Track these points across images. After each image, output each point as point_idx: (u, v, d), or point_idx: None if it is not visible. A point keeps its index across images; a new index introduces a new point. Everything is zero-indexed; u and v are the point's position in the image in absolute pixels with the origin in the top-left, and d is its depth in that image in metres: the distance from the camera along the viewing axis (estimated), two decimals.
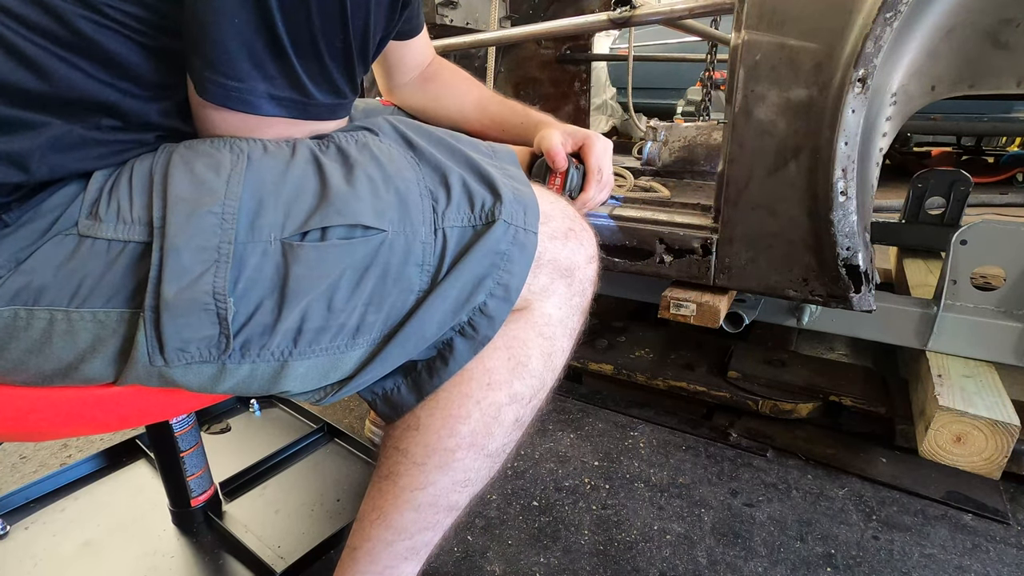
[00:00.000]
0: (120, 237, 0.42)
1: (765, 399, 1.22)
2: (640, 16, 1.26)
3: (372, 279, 0.46)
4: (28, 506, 0.96)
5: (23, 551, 0.87)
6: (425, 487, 0.55)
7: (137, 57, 0.44)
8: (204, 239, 0.42)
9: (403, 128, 0.54)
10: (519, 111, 0.82)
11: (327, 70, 0.48)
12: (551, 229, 0.54)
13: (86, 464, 1.05)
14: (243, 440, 1.15)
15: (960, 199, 1.37)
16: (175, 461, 0.88)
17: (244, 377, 0.47)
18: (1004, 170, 3.03)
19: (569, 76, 2.49)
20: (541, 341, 0.55)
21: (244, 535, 0.88)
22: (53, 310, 0.42)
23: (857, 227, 0.92)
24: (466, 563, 0.89)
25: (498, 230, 0.49)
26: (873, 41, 0.82)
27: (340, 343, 0.48)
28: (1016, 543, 0.92)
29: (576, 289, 0.57)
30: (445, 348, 0.52)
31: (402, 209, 0.48)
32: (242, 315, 0.44)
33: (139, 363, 0.44)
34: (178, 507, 0.92)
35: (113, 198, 0.44)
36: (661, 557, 0.90)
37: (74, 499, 0.98)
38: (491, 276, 0.49)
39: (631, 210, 1.22)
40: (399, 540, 0.58)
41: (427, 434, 0.54)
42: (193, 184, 0.43)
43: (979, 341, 1.09)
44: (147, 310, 0.42)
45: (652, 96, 3.88)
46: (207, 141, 0.47)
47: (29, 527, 0.92)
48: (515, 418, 0.56)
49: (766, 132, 0.96)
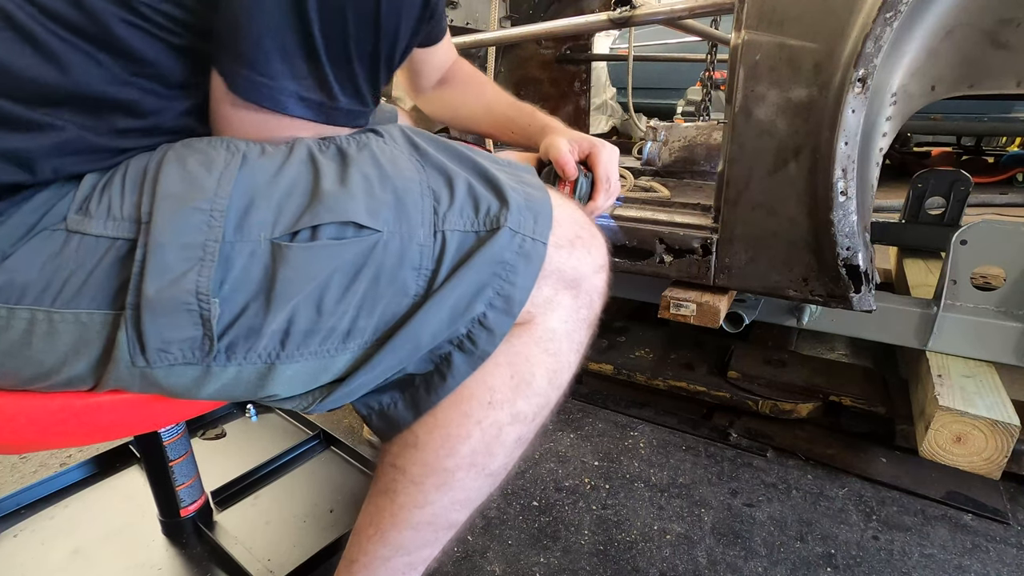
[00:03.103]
0: (108, 234, 0.41)
1: (765, 399, 1.22)
2: (640, 16, 1.26)
3: (364, 281, 0.45)
4: (19, 512, 0.95)
5: (10, 560, 0.86)
6: (423, 506, 0.54)
7: (163, 55, 0.44)
8: (189, 236, 0.41)
9: (410, 133, 0.53)
10: (526, 112, 0.82)
11: (354, 75, 0.47)
12: (556, 236, 0.51)
13: (78, 470, 1.03)
14: (238, 446, 1.14)
15: (960, 199, 1.37)
16: (164, 471, 0.85)
17: (229, 380, 0.45)
18: (1004, 170, 3.03)
19: (569, 76, 2.49)
20: (546, 358, 0.53)
21: (234, 547, 0.86)
22: (35, 310, 0.40)
23: (857, 227, 0.92)
24: (466, 563, 0.89)
25: (502, 238, 0.47)
26: (873, 41, 0.82)
27: (330, 346, 0.46)
28: (1016, 543, 0.92)
29: (583, 301, 0.54)
30: (443, 363, 0.49)
31: (399, 209, 0.46)
32: (227, 316, 0.43)
33: (121, 364, 0.42)
34: (168, 517, 0.90)
35: (105, 195, 0.43)
36: (661, 557, 0.90)
37: (64, 506, 0.97)
38: (491, 286, 0.47)
39: (631, 210, 1.22)
40: (397, 556, 0.56)
41: (425, 453, 0.52)
42: (184, 180, 0.42)
43: (979, 341, 1.09)
44: (128, 308, 0.41)
45: (652, 96, 3.88)
46: (205, 140, 0.46)
47: (18, 535, 0.90)
48: (517, 437, 0.54)
49: (766, 132, 0.96)
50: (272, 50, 0.43)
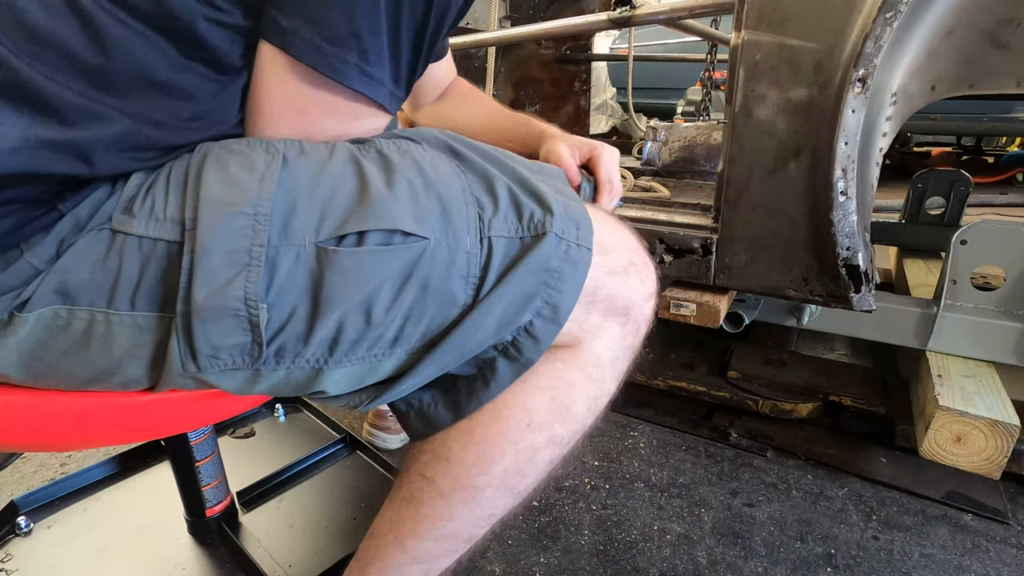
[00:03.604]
0: (151, 234, 0.41)
1: (765, 399, 1.22)
2: (640, 16, 1.26)
3: (412, 290, 0.44)
4: (52, 504, 0.97)
5: (42, 551, 0.88)
6: (448, 519, 0.53)
7: (217, 36, 0.43)
8: (234, 242, 0.40)
9: (446, 138, 0.52)
10: (523, 122, 0.82)
11: (399, 50, 0.46)
12: (611, 263, 0.50)
13: (110, 464, 1.05)
14: (266, 446, 1.15)
15: (960, 199, 1.36)
16: (191, 470, 0.86)
17: (280, 380, 0.46)
18: (1004, 170, 3.02)
19: (569, 76, 2.49)
20: (588, 385, 0.52)
21: (256, 550, 0.87)
22: (94, 311, 0.40)
23: (857, 227, 0.92)
24: (466, 563, 0.89)
25: (549, 244, 0.46)
26: (873, 41, 0.82)
27: (377, 352, 0.46)
28: (1016, 543, 0.92)
29: (630, 329, 0.53)
30: (486, 368, 0.49)
31: (444, 216, 0.45)
32: (276, 322, 0.42)
33: (174, 369, 0.42)
34: (193, 517, 0.91)
35: (149, 195, 0.42)
36: (661, 557, 0.90)
37: (96, 499, 0.99)
38: (540, 295, 0.46)
39: (631, 210, 1.22)
40: (412, 565, 0.56)
41: (457, 468, 0.51)
42: (226, 183, 0.42)
43: (979, 341, 1.09)
44: (178, 316, 0.41)
45: (652, 96, 3.88)
46: (243, 141, 0.45)
47: (51, 526, 0.92)
48: (550, 459, 0.54)
49: (766, 132, 0.96)
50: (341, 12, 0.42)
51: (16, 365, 0.41)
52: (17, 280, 0.39)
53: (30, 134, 0.37)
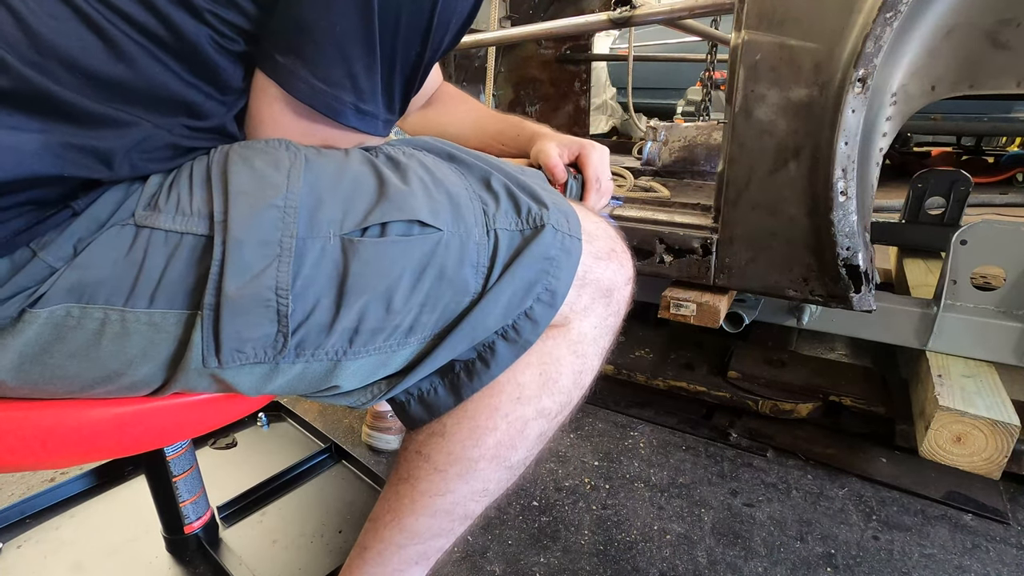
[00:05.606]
0: (179, 228, 0.41)
1: (765, 399, 1.22)
2: (640, 16, 1.26)
3: (429, 279, 0.46)
4: (24, 522, 0.92)
5: (13, 573, 0.84)
6: (444, 494, 0.55)
7: (224, 62, 0.44)
8: (267, 233, 0.41)
9: (442, 145, 0.55)
10: (514, 124, 0.82)
11: (393, 84, 0.48)
12: (596, 249, 0.55)
13: (85, 478, 1.00)
14: (248, 456, 1.11)
15: (960, 199, 1.36)
16: (168, 487, 0.82)
17: (295, 376, 0.47)
18: (1004, 170, 3.02)
19: (569, 76, 2.49)
20: (574, 359, 0.56)
21: (238, 568, 0.83)
22: (108, 309, 0.40)
23: (857, 227, 0.92)
24: (466, 563, 0.89)
25: (547, 235, 0.50)
26: (873, 41, 0.82)
27: (392, 342, 0.48)
28: (1016, 543, 0.92)
29: (612, 309, 0.57)
30: (486, 350, 0.51)
31: (455, 210, 0.48)
32: (300, 313, 0.43)
33: (191, 366, 0.42)
34: (171, 534, 0.86)
35: (173, 191, 0.43)
36: (661, 557, 0.90)
37: (70, 516, 0.94)
38: (541, 281, 0.50)
39: (631, 210, 1.22)
40: (411, 544, 0.58)
41: (452, 442, 0.54)
42: (254, 178, 0.43)
43: (979, 341, 1.09)
44: (206, 308, 0.41)
45: (652, 96, 3.88)
46: (263, 140, 0.47)
47: (22, 545, 0.89)
48: (539, 432, 0.56)
49: (766, 132, 0.96)
50: (335, 56, 0.44)
51: (13, 369, 0.41)
52: (31, 280, 0.39)
53: (51, 139, 0.38)
